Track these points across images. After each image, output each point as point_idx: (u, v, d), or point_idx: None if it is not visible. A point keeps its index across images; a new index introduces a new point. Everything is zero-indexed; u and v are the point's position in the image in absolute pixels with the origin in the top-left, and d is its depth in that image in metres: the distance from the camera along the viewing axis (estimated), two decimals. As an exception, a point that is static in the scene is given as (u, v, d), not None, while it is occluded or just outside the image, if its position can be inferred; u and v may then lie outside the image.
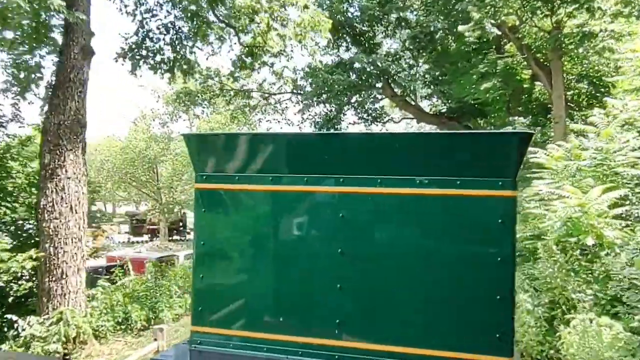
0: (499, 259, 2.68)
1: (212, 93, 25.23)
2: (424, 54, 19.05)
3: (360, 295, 2.94)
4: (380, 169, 2.89)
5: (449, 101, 19.90)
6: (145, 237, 62.32)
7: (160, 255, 22.66)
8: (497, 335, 2.66)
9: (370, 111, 21.41)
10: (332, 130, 21.18)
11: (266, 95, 24.44)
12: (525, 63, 16.85)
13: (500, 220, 2.69)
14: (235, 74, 24.58)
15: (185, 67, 14.14)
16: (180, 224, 64.03)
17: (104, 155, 48.88)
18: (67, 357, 5.25)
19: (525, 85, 17.87)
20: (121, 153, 49.41)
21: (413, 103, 20.68)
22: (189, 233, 65.70)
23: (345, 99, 19.64)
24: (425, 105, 22.32)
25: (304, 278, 3.07)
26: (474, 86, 17.81)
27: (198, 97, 25.17)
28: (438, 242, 2.84)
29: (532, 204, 8.69)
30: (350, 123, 22.00)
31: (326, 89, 17.71)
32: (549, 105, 17.68)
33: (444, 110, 20.87)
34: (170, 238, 61.67)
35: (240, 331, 3.14)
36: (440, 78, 19.11)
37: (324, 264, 3.01)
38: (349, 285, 2.92)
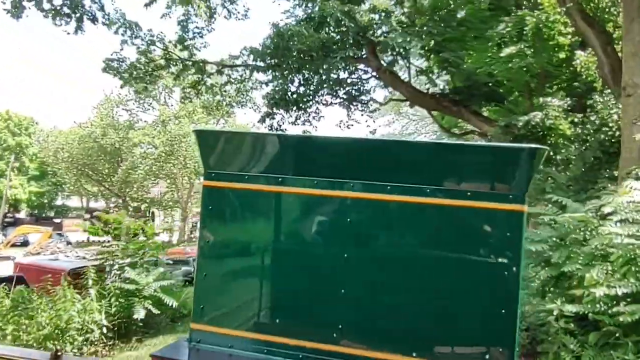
0: (505, 272, 2.69)
1: (154, 64, 19.97)
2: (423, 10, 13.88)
3: (363, 302, 2.93)
4: (391, 176, 2.89)
5: (453, 76, 14.72)
6: (105, 238, 56.65)
7: (77, 266, 16.98)
8: (500, 350, 2.67)
9: (349, 87, 16.19)
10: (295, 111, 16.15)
11: (220, 68, 19.15)
12: (564, 21, 11.91)
13: (508, 234, 2.72)
14: (185, 40, 19.52)
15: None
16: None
17: (58, 143, 43.61)
18: (59, 354, 4.45)
19: (561, 56, 12.99)
20: (79, 141, 44.16)
21: (406, 79, 15.57)
22: (157, 234, 60.32)
23: (313, 67, 14.34)
24: (422, 84, 17.20)
25: (307, 281, 3.07)
26: (489, 55, 12.84)
27: (136, 69, 19.77)
28: (445, 252, 2.87)
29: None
30: (323, 104, 16.71)
31: (282, 45, 12.43)
32: (593, 83, 12.81)
33: (446, 92, 15.63)
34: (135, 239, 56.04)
35: (241, 331, 3.13)
36: (444, 45, 13.83)
37: (328, 268, 3.03)
38: (352, 291, 2.91)
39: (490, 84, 14.65)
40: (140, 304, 9.31)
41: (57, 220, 62.04)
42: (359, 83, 16.75)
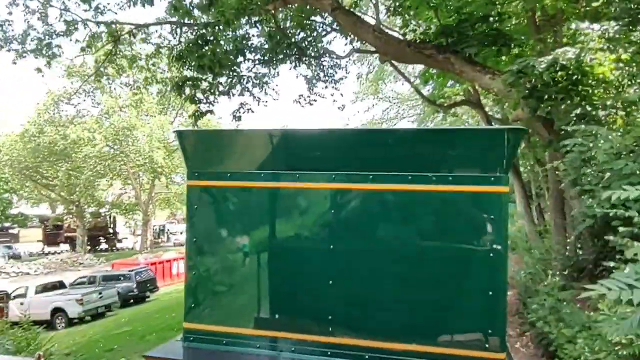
0: (491, 254, 2.74)
1: (51, 29, 15.24)
2: None
3: (352, 292, 2.97)
4: (372, 165, 2.93)
5: (437, 11, 10.37)
6: (64, 247, 51.49)
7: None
8: (490, 331, 2.70)
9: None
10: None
11: (135, 28, 14.47)
12: None
13: (492, 216, 2.77)
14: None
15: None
16: (110, 230, 53.28)
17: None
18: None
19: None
20: (20, 142, 38.77)
21: (372, 20, 11.21)
22: (120, 241, 55.17)
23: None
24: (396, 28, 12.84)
25: (296, 274, 3.11)
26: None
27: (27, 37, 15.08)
28: (430, 238, 2.94)
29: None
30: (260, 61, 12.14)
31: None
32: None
33: (429, 35, 11.27)
34: (97, 248, 51.07)
35: (233, 328, 3.14)
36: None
37: (315, 260, 3.07)
38: (339, 282, 2.95)
39: (490, 18, 10.37)
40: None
41: (15, 231, 56.68)
42: (311, 35, 12.28)
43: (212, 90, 11.93)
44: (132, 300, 23.74)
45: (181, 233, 61.12)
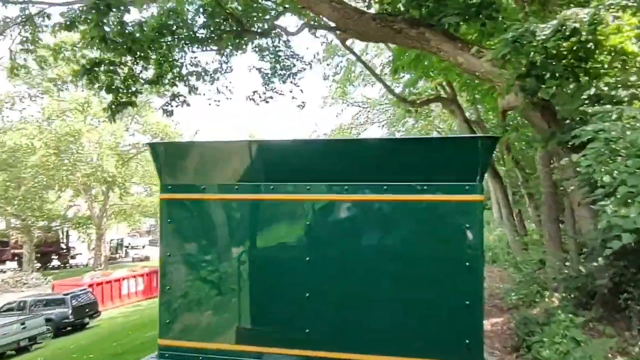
0: (467, 264, 2.72)
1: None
2: None
3: (328, 304, 2.96)
4: (347, 175, 2.93)
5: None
6: (11, 265, 47.14)
7: None
8: (467, 342, 2.69)
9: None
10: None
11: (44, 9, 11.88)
12: None
13: (467, 225, 2.75)
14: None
15: None
16: (62, 245, 49.29)
17: None
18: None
19: None
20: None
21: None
22: (74, 257, 51.07)
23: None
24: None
25: (272, 287, 3.08)
26: None
27: None
28: (406, 248, 2.89)
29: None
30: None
31: None
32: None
33: (399, 6, 9.20)
34: (47, 265, 47.06)
35: (208, 343, 3.10)
36: None
37: (291, 273, 3.02)
38: (316, 294, 2.92)
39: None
40: None
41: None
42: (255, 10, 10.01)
43: (132, 78, 9.47)
44: (69, 328, 20.67)
45: (143, 247, 57.25)
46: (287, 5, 9.90)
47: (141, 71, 9.96)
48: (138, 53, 9.25)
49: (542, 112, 7.73)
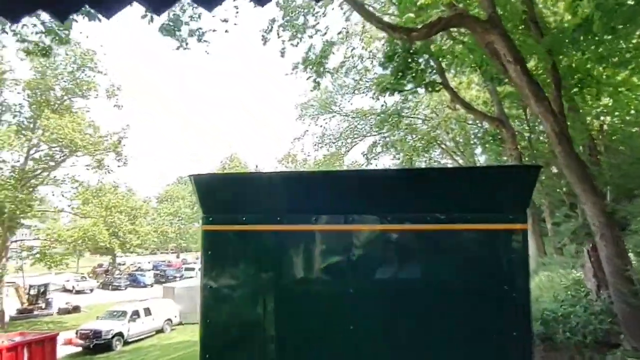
0: (514, 294, 2.65)
1: None
2: None
3: (373, 337, 2.85)
4: (391, 205, 2.87)
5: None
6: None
7: None
8: None
9: None
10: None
11: None
12: None
13: (513, 255, 2.69)
14: None
15: None
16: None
17: None
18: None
19: None
20: None
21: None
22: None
23: None
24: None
25: (316, 320, 2.98)
26: None
27: None
28: (452, 279, 2.79)
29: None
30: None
31: None
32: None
33: None
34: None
35: None
36: None
37: (335, 305, 2.94)
38: (361, 326, 2.84)
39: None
40: None
41: None
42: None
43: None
44: None
45: (91, 291, 45.88)
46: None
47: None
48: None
49: None
